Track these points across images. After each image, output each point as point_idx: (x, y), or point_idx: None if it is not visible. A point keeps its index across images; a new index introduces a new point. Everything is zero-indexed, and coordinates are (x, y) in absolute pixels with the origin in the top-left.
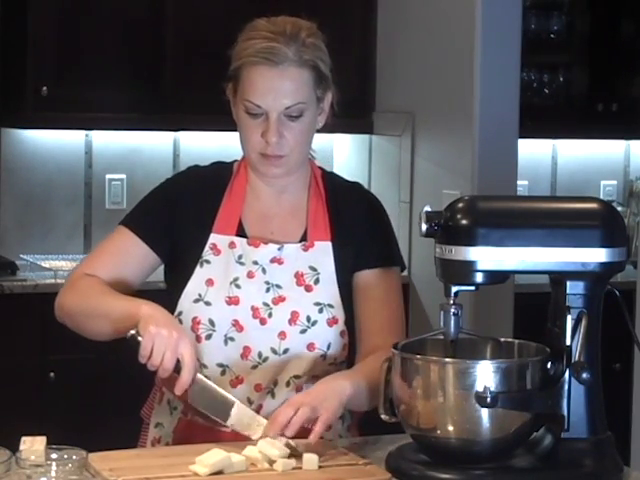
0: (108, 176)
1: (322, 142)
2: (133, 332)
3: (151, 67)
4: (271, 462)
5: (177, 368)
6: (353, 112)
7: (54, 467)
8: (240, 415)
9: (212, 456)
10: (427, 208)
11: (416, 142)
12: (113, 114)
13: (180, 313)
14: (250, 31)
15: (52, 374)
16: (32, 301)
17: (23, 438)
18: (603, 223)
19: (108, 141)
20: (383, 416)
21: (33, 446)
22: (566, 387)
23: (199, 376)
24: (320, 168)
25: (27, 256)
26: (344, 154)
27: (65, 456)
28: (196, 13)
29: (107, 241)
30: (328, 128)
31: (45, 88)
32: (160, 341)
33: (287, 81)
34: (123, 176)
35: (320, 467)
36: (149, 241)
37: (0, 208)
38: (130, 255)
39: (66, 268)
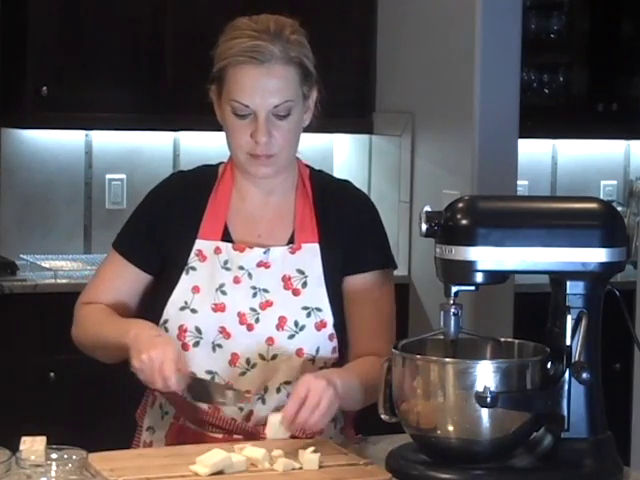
0: (108, 176)
1: (322, 142)
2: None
3: (151, 67)
4: (271, 462)
5: None
6: (353, 112)
7: (54, 467)
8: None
9: (212, 456)
10: (427, 208)
11: (416, 142)
12: (113, 114)
13: (166, 321)
14: (233, 30)
15: (52, 374)
16: (32, 301)
17: (23, 438)
18: (603, 223)
19: (108, 141)
20: (383, 416)
21: (33, 446)
22: (566, 387)
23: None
24: (308, 166)
25: (27, 256)
26: (344, 154)
27: (65, 456)
28: (196, 13)
29: (103, 266)
30: (327, 128)
31: (45, 88)
32: (147, 370)
33: (274, 79)
34: (123, 176)
35: (320, 467)
36: (138, 263)
37: (0, 208)
38: (123, 279)
39: (66, 268)
